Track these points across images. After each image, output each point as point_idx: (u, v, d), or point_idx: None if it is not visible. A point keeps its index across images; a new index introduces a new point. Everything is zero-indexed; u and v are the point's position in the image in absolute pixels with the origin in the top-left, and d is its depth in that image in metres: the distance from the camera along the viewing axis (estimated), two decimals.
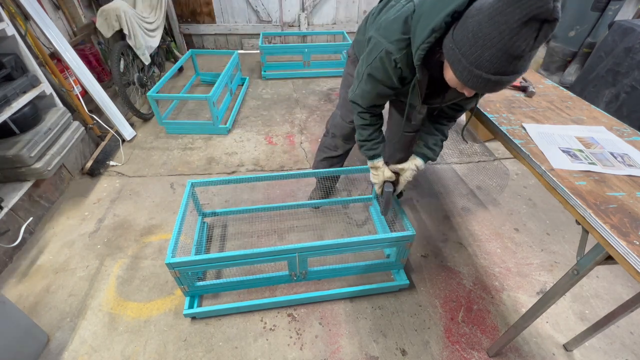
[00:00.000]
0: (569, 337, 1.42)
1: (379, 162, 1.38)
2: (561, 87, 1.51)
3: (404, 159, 1.43)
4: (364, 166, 1.80)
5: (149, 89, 2.83)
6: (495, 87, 0.80)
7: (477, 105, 1.36)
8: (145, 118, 2.88)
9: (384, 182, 1.40)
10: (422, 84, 1.05)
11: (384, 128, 1.47)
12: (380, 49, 1.02)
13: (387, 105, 1.43)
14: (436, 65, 0.96)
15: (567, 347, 1.42)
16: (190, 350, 1.40)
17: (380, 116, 1.34)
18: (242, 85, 3.49)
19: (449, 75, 0.90)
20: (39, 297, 1.58)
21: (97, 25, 2.59)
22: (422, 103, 1.13)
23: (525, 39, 0.66)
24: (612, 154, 1.08)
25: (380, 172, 1.39)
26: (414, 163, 1.37)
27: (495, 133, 1.26)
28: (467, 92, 0.91)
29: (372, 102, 1.23)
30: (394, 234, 1.43)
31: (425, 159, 1.37)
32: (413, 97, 1.11)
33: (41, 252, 1.79)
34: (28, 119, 1.83)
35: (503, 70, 0.74)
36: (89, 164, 2.29)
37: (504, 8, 0.65)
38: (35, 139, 1.79)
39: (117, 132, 2.60)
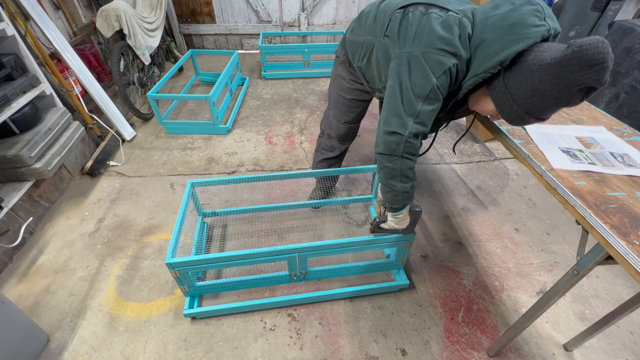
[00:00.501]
0: (569, 337, 1.42)
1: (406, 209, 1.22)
2: None
3: None
4: (364, 166, 1.81)
5: (149, 89, 2.83)
6: (529, 123, 0.93)
7: None
8: (145, 118, 2.88)
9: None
10: (454, 105, 1.10)
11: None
12: (449, 64, 0.94)
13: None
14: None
15: (567, 347, 1.42)
16: (190, 350, 1.40)
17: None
18: (242, 85, 3.50)
19: (487, 108, 0.99)
20: (39, 297, 1.58)
21: (97, 25, 2.59)
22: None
23: (577, 99, 0.80)
24: (612, 154, 1.08)
25: (406, 214, 1.22)
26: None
27: (495, 133, 1.26)
28: (494, 119, 1.01)
29: (428, 126, 1.05)
30: (394, 234, 1.43)
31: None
32: (445, 116, 1.17)
33: (41, 252, 1.79)
34: (28, 119, 1.83)
35: (545, 116, 0.88)
36: (89, 164, 2.29)
37: (568, 75, 0.76)
38: (35, 139, 1.79)
39: (117, 132, 2.60)
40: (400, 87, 1.01)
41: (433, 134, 1.39)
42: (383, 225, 1.29)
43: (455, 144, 1.40)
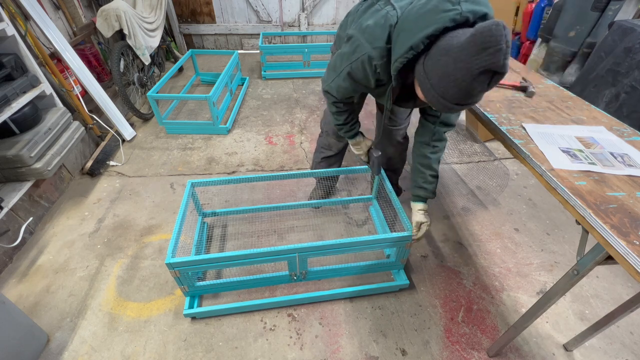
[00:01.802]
0: (569, 337, 1.42)
1: (359, 138, 1.52)
2: (561, 87, 1.51)
3: (387, 147, 1.80)
4: (364, 166, 1.80)
5: (149, 89, 2.83)
6: (454, 111, 0.97)
7: (478, 106, 1.36)
8: (145, 118, 2.88)
9: (369, 150, 1.55)
10: (395, 90, 1.16)
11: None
12: (363, 52, 1.07)
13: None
14: (411, 75, 1.03)
15: (567, 347, 1.42)
16: (190, 350, 1.40)
17: (351, 105, 1.42)
18: (242, 85, 3.50)
19: (419, 91, 1.02)
20: (39, 297, 1.58)
21: (97, 25, 2.59)
22: (394, 104, 1.24)
23: (480, 83, 0.82)
24: (612, 154, 1.08)
25: (362, 144, 1.54)
26: (417, 209, 1.42)
27: (495, 133, 1.26)
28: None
29: (346, 96, 1.32)
30: (394, 234, 1.43)
31: (420, 199, 1.42)
32: (386, 99, 1.20)
33: (41, 252, 1.79)
34: (28, 119, 1.83)
35: (462, 102, 0.89)
36: (89, 164, 2.29)
37: (467, 57, 0.79)
38: (35, 139, 1.79)
39: (117, 132, 2.60)
40: (339, 55, 1.21)
41: (407, 118, 1.68)
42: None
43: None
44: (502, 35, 0.74)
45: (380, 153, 1.54)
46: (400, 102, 1.24)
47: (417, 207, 1.42)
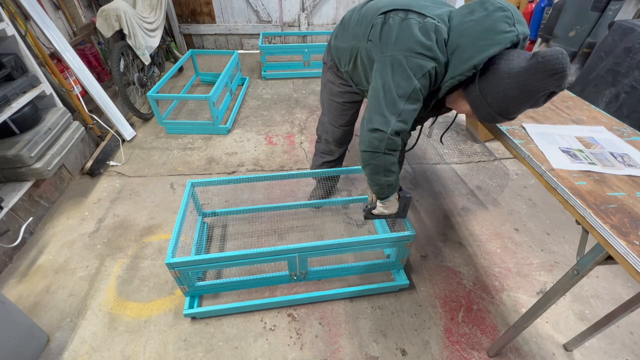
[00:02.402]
0: (569, 337, 1.42)
1: (394, 195, 1.31)
2: None
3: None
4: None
5: (149, 89, 2.83)
6: (502, 122, 1.03)
7: None
8: (145, 118, 2.88)
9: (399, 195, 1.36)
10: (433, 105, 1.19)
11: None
12: (430, 66, 1.00)
13: None
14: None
15: (567, 347, 1.42)
16: (190, 350, 1.40)
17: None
18: (242, 85, 3.50)
19: (464, 108, 1.09)
20: (39, 297, 1.58)
21: (97, 25, 2.59)
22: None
23: (542, 101, 0.91)
24: (612, 154, 1.08)
25: (394, 200, 1.32)
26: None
27: (495, 133, 1.26)
28: (469, 116, 1.12)
29: (410, 123, 1.12)
30: (394, 234, 1.43)
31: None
32: (423, 116, 1.27)
33: (41, 252, 1.79)
34: (28, 119, 1.83)
35: (515, 117, 0.99)
36: (89, 164, 2.29)
37: (534, 82, 0.87)
38: (35, 139, 1.79)
39: (117, 132, 2.60)
40: (384, 87, 1.06)
41: (418, 131, 1.50)
42: (374, 212, 1.39)
43: (442, 135, 1.62)
44: (567, 63, 0.83)
45: (410, 195, 1.36)
46: (424, 113, 1.25)
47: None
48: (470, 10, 0.98)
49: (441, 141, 1.77)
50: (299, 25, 4.30)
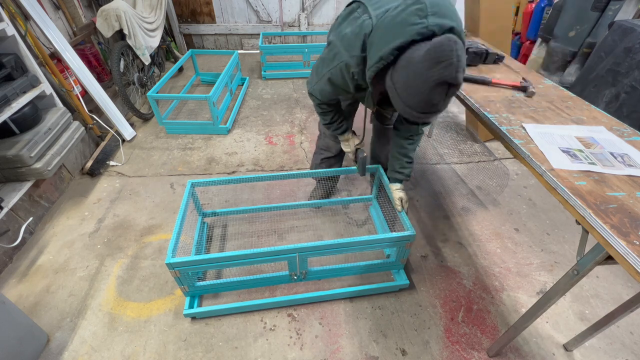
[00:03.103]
0: (569, 337, 1.42)
1: (348, 134, 1.58)
2: (561, 87, 1.51)
3: (385, 145, 1.82)
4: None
5: (149, 89, 2.83)
6: (420, 120, 1.01)
7: (478, 106, 1.36)
8: (145, 118, 2.88)
9: (356, 148, 1.59)
10: (374, 94, 1.24)
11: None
12: (341, 60, 1.14)
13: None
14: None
15: (567, 347, 1.42)
16: (190, 350, 1.40)
17: (337, 104, 1.49)
18: (242, 85, 3.49)
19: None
20: (39, 297, 1.58)
21: (97, 25, 2.59)
22: (378, 106, 1.36)
23: (438, 94, 0.88)
24: (612, 154, 1.08)
25: (351, 141, 1.59)
26: (395, 188, 1.55)
27: (495, 133, 1.26)
28: None
29: (329, 99, 1.39)
30: (394, 234, 1.43)
31: (398, 181, 1.55)
32: (368, 102, 1.31)
33: (41, 252, 1.79)
34: (28, 119, 1.83)
35: (426, 110, 0.95)
36: (89, 164, 2.29)
37: (425, 71, 0.86)
38: (35, 139, 1.79)
39: (117, 132, 2.60)
40: (321, 59, 1.28)
41: (368, 113, 1.63)
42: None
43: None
44: (454, 50, 0.81)
45: (365, 154, 1.57)
46: (383, 106, 1.34)
47: (395, 187, 1.55)
48: (395, 5, 1.00)
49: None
50: (299, 25, 4.30)
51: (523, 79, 1.50)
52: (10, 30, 1.77)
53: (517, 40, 3.34)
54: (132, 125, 2.74)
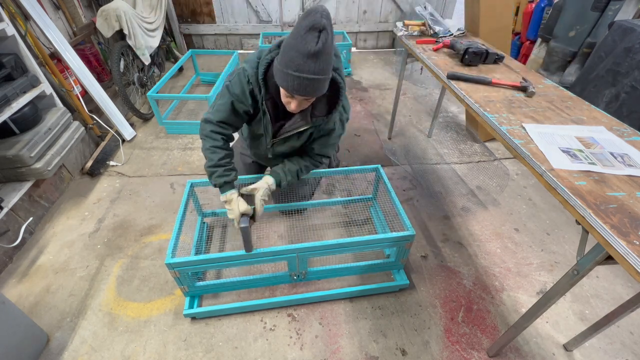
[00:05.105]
0: (569, 337, 1.42)
1: (232, 194, 1.30)
2: (561, 87, 1.51)
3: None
4: (364, 166, 1.81)
5: (149, 89, 2.83)
6: (300, 84, 1.05)
7: (478, 105, 1.36)
8: (145, 118, 2.88)
9: (241, 216, 1.29)
10: (268, 105, 1.29)
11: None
12: (239, 69, 1.30)
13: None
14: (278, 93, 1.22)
15: (567, 347, 1.42)
16: (190, 350, 1.40)
17: (228, 143, 1.37)
18: None
19: (282, 93, 1.17)
20: (39, 297, 1.58)
21: (97, 25, 2.59)
22: (274, 138, 1.40)
23: (310, 41, 0.98)
24: (612, 154, 1.08)
25: (234, 205, 1.29)
26: (266, 181, 1.38)
27: (495, 133, 1.26)
28: (293, 105, 1.17)
29: (224, 117, 1.32)
30: (394, 234, 1.43)
31: (277, 180, 1.41)
32: (265, 122, 1.35)
33: (41, 252, 1.79)
34: (28, 119, 1.83)
35: (302, 68, 1.02)
36: (89, 164, 2.29)
37: (298, 26, 1.01)
38: (35, 139, 1.79)
39: (117, 132, 2.60)
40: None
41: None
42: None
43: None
44: (321, 7, 1.00)
45: (247, 225, 1.27)
46: (281, 138, 1.39)
47: (268, 179, 1.40)
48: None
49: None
50: None
51: (523, 79, 1.50)
52: (10, 30, 1.77)
53: (517, 40, 3.34)
54: (132, 125, 2.74)
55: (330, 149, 1.51)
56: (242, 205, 1.29)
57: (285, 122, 1.37)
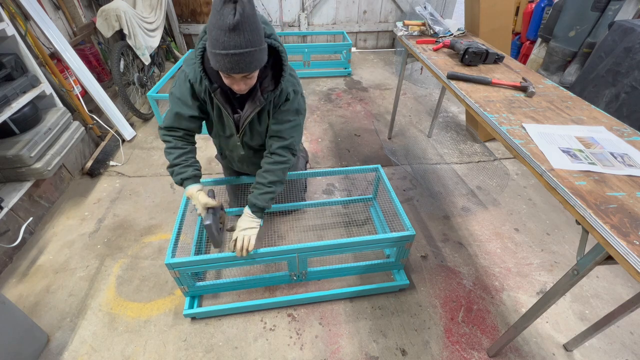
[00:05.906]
0: (569, 337, 1.42)
1: (192, 188, 1.33)
2: (561, 87, 1.51)
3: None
4: (364, 166, 1.81)
5: (149, 89, 2.83)
6: (231, 61, 1.00)
7: (478, 106, 1.36)
8: (145, 118, 2.88)
9: (207, 210, 1.32)
10: (219, 97, 1.25)
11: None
12: (180, 72, 1.30)
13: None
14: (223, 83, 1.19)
15: (567, 347, 1.42)
16: (190, 351, 1.40)
17: (186, 142, 1.42)
18: None
19: (222, 76, 1.12)
20: (39, 297, 1.58)
21: (97, 25, 2.59)
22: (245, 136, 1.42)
23: (227, 15, 0.93)
24: (612, 154, 1.08)
25: (195, 199, 1.32)
26: (243, 218, 1.37)
27: (495, 133, 1.26)
28: (237, 86, 1.12)
29: (172, 122, 1.36)
30: (394, 234, 1.43)
31: (255, 208, 1.37)
32: (225, 117, 1.35)
33: (41, 252, 1.79)
34: (28, 119, 1.83)
35: (227, 44, 0.97)
36: (89, 164, 2.29)
37: (214, 3, 0.95)
38: (35, 139, 1.79)
39: (117, 132, 2.60)
40: None
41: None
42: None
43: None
44: None
45: (210, 222, 1.27)
46: (247, 131, 1.39)
47: (245, 217, 1.37)
48: None
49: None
50: (299, 25, 4.30)
51: (523, 79, 1.50)
52: (10, 30, 1.77)
53: (517, 40, 3.34)
54: (132, 125, 2.74)
55: (292, 132, 1.37)
56: (203, 198, 1.32)
57: (241, 112, 1.34)
